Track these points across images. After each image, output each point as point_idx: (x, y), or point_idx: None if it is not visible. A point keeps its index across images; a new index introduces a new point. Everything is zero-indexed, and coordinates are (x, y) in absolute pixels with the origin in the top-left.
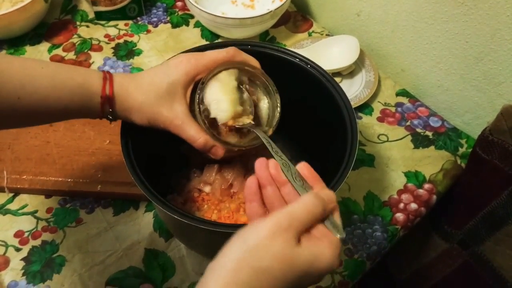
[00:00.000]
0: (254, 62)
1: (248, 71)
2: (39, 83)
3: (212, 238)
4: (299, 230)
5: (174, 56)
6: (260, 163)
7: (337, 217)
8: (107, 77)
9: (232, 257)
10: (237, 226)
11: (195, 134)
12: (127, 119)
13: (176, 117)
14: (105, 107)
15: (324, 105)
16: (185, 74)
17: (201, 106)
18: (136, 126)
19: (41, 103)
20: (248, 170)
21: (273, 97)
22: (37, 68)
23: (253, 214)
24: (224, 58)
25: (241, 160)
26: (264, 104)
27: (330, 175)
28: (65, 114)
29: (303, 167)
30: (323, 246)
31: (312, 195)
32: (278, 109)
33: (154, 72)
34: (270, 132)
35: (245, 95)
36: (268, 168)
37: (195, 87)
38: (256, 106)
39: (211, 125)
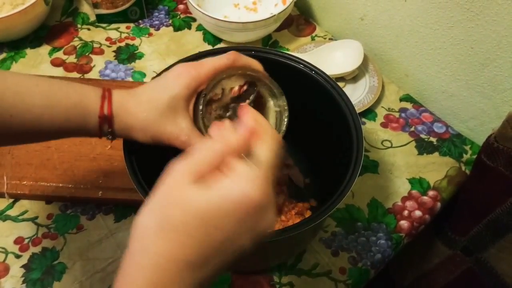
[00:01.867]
0: (256, 65)
1: (251, 75)
2: (33, 101)
3: None
4: (195, 173)
5: (172, 67)
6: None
7: (261, 149)
8: (106, 95)
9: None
10: None
11: None
12: (127, 137)
13: (182, 133)
14: (104, 127)
15: (329, 112)
16: (186, 87)
17: (205, 120)
18: None
19: (35, 122)
20: None
21: (280, 101)
22: (31, 86)
23: None
24: (225, 65)
25: None
26: (271, 108)
27: (335, 182)
28: (60, 133)
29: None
30: (229, 180)
31: (216, 135)
32: (286, 113)
33: (153, 87)
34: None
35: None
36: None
37: (197, 98)
38: (263, 111)
39: None
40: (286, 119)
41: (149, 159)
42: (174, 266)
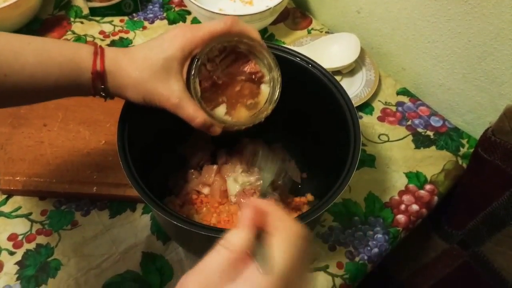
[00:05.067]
0: (253, 33)
1: (247, 43)
2: (26, 59)
3: (211, 243)
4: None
5: (170, 29)
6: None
7: (271, 248)
8: (98, 51)
9: None
10: None
11: (193, 112)
12: (120, 96)
13: (173, 95)
14: (97, 84)
15: (326, 106)
16: (181, 49)
17: (197, 84)
18: (133, 127)
19: (29, 80)
20: (248, 170)
21: (274, 72)
22: (23, 44)
23: None
24: (222, 30)
25: (240, 160)
26: (266, 75)
27: (332, 177)
28: (55, 91)
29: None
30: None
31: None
32: (279, 83)
33: (149, 47)
34: (270, 108)
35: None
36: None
37: (191, 62)
38: (257, 80)
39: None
40: (278, 90)
41: (144, 154)
42: None
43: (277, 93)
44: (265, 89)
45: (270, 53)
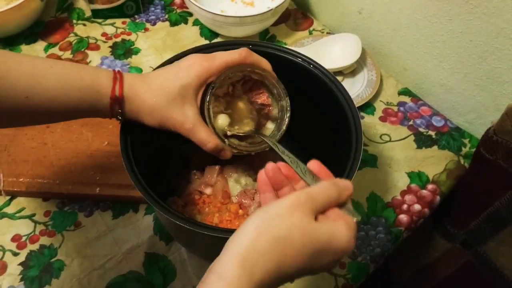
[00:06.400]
0: (265, 64)
1: (259, 73)
2: (48, 83)
3: (213, 242)
4: (316, 208)
5: (186, 57)
6: (271, 168)
7: (350, 205)
8: (117, 77)
9: (251, 226)
10: None
11: (205, 137)
12: (136, 120)
13: (187, 121)
14: (114, 108)
15: (328, 106)
16: (197, 77)
17: (211, 111)
18: (136, 128)
19: (50, 103)
20: (251, 170)
21: (283, 100)
22: (46, 68)
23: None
24: (237, 61)
25: (243, 161)
26: (274, 107)
27: (334, 177)
28: (74, 113)
29: (314, 164)
30: (341, 225)
31: (329, 181)
32: (288, 113)
33: (166, 75)
34: (278, 135)
35: (242, 103)
36: (279, 170)
37: (206, 89)
38: (266, 109)
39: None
40: (287, 119)
41: (147, 155)
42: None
43: (286, 121)
44: (270, 126)
45: (281, 83)
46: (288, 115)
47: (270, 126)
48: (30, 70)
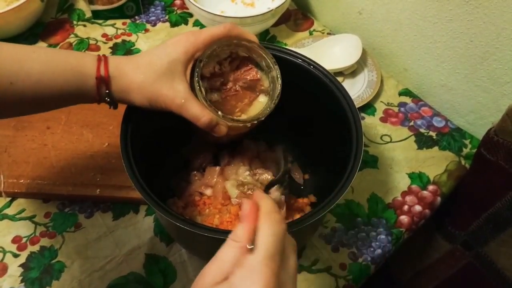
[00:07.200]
0: (251, 36)
1: (245, 45)
2: (31, 67)
3: (214, 244)
4: (220, 276)
5: (172, 36)
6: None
7: (261, 235)
8: (102, 58)
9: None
10: None
11: (198, 112)
12: (126, 100)
13: (178, 96)
14: (101, 89)
15: (328, 107)
16: (185, 52)
17: (200, 83)
18: (136, 130)
19: (34, 88)
20: (251, 171)
21: (273, 70)
22: (28, 53)
23: None
24: (222, 34)
25: (243, 162)
26: (264, 79)
27: (335, 178)
28: (60, 99)
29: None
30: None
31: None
32: (279, 81)
33: (153, 53)
34: (272, 105)
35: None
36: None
37: (194, 64)
38: (257, 80)
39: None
40: (279, 87)
41: (147, 156)
42: None
43: (278, 90)
44: (262, 99)
45: (268, 53)
46: (279, 83)
47: (262, 100)
48: (12, 55)
